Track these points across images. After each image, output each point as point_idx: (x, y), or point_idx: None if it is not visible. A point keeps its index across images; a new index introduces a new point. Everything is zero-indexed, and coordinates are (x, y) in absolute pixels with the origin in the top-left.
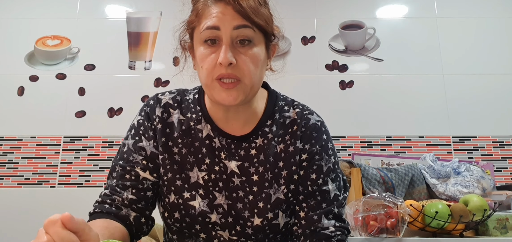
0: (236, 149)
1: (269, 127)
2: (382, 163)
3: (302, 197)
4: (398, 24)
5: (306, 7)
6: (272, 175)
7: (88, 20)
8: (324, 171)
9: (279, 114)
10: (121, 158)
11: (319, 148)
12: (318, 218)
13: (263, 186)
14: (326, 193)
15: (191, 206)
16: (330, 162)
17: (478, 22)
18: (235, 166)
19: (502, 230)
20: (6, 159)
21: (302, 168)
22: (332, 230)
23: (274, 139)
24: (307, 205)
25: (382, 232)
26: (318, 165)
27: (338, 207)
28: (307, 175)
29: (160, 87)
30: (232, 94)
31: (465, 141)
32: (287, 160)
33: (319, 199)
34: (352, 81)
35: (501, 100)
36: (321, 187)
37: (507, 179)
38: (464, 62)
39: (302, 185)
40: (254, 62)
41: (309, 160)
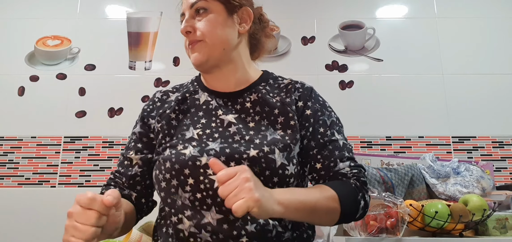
0: (233, 105)
1: (263, 86)
2: (382, 163)
3: (316, 150)
4: (398, 24)
5: (306, 7)
6: (268, 122)
7: (88, 20)
8: (329, 124)
9: (274, 81)
10: (125, 147)
11: (319, 106)
12: (334, 164)
13: (260, 130)
14: (335, 142)
15: (182, 153)
16: (332, 117)
17: (478, 22)
18: (232, 117)
19: (502, 230)
20: (7, 159)
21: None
22: (348, 170)
23: (268, 94)
24: (322, 156)
25: (382, 232)
26: (322, 119)
27: (349, 152)
28: (315, 130)
29: (160, 87)
30: (195, 55)
31: (465, 141)
32: (284, 108)
33: (331, 148)
34: (352, 81)
35: (500, 100)
36: (330, 138)
37: (507, 179)
38: (464, 62)
39: (313, 140)
40: (211, 23)
41: (314, 117)
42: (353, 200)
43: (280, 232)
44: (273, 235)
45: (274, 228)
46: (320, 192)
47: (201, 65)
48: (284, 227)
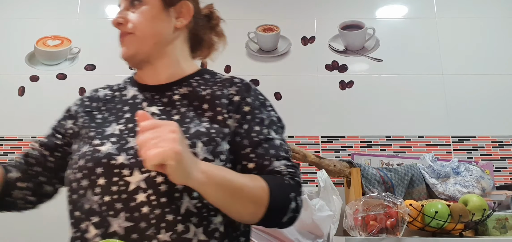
0: (160, 97)
1: (196, 80)
2: (382, 163)
3: (250, 149)
4: (397, 24)
5: (306, 7)
6: (194, 114)
7: (88, 20)
8: (267, 123)
9: (211, 76)
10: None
11: (258, 103)
12: (268, 162)
13: (183, 122)
14: (271, 141)
15: (97, 150)
16: (271, 116)
17: (478, 22)
18: (156, 109)
19: (502, 229)
20: (7, 159)
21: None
22: (283, 168)
23: (199, 87)
24: (256, 155)
25: (381, 231)
26: (260, 117)
27: (285, 152)
28: (250, 128)
29: None
30: (123, 48)
31: (465, 141)
32: (213, 101)
33: (266, 146)
34: (352, 81)
35: (500, 100)
36: (266, 136)
37: (507, 179)
38: (464, 62)
39: (247, 138)
40: (143, 16)
41: (251, 114)
42: (284, 196)
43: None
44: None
45: (195, 237)
46: (250, 179)
47: (129, 59)
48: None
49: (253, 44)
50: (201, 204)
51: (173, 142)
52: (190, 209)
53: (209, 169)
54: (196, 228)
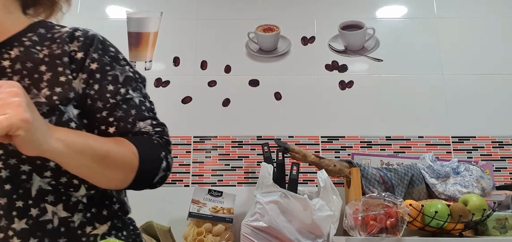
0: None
1: (28, 38)
2: (382, 163)
3: (106, 112)
4: (397, 24)
5: (306, 7)
6: (30, 81)
7: (88, 21)
8: (121, 81)
9: (46, 30)
10: None
11: (108, 58)
12: (132, 125)
13: None
14: (131, 100)
15: None
16: (126, 72)
17: (478, 22)
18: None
19: (502, 229)
20: None
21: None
22: (150, 128)
23: (34, 47)
24: (115, 118)
25: (381, 231)
26: (112, 75)
27: (149, 111)
28: (103, 88)
29: (161, 88)
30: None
31: (465, 141)
32: (52, 62)
33: (125, 107)
34: (352, 81)
35: (500, 100)
36: (124, 96)
37: (507, 179)
38: (464, 62)
39: (101, 99)
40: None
41: (102, 71)
42: (155, 156)
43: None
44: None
45: (55, 216)
46: (116, 142)
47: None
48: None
49: (253, 44)
50: (55, 181)
51: (18, 106)
52: (44, 188)
53: (68, 136)
54: (54, 206)
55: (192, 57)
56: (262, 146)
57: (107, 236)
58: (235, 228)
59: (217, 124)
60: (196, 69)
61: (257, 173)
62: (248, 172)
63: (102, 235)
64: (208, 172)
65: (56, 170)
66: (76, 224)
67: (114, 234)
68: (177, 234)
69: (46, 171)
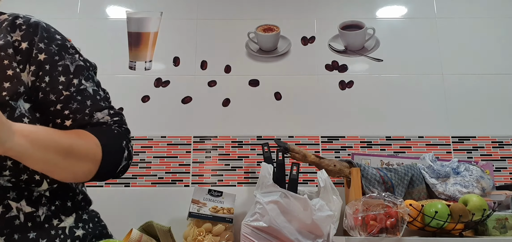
0: None
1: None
2: (382, 163)
3: (61, 105)
4: (397, 24)
5: (306, 7)
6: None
7: (88, 20)
8: (73, 71)
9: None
10: None
11: (56, 47)
12: (89, 116)
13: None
14: (84, 91)
15: None
16: (76, 60)
17: (478, 22)
18: None
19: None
20: None
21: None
22: (108, 118)
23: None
24: (70, 110)
25: (381, 231)
26: (62, 65)
27: (105, 100)
28: (54, 79)
29: (161, 88)
30: None
31: (465, 141)
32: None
33: (80, 99)
34: (352, 81)
35: (500, 100)
36: (78, 87)
37: (507, 179)
38: (464, 62)
39: (53, 92)
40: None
41: (51, 62)
42: (117, 146)
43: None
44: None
45: (20, 212)
46: (78, 135)
47: None
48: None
49: (253, 44)
50: (15, 179)
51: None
52: (4, 186)
53: (30, 132)
54: (18, 202)
55: (192, 57)
56: (262, 146)
57: (75, 228)
58: (235, 228)
59: (217, 124)
60: (196, 69)
61: (257, 173)
62: (248, 172)
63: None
64: (208, 172)
65: (14, 169)
66: (41, 218)
67: (82, 226)
68: (177, 234)
69: (4, 170)
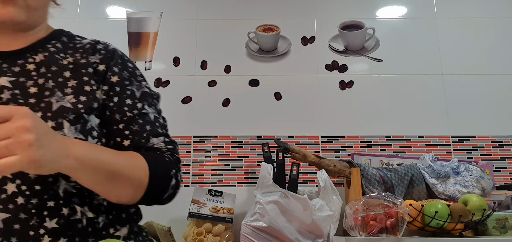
0: (10, 66)
1: (52, 44)
2: (382, 163)
3: (123, 125)
4: (397, 24)
5: (306, 7)
6: (54, 83)
7: (88, 20)
8: (139, 96)
9: (69, 39)
10: None
11: (127, 73)
12: (146, 140)
13: (43, 95)
14: (146, 116)
15: None
16: (143, 88)
17: (478, 22)
18: (6, 81)
19: (502, 229)
20: None
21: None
22: (162, 145)
23: (58, 54)
24: (130, 131)
25: (381, 231)
26: (130, 90)
27: (162, 128)
28: (121, 101)
29: (161, 88)
30: (8, 9)
31: (465, 141)
32: (77, 70)
33: (141, 123)
34: (352, 81)
35: (500, 100)
36: (140, 111)
37: (507, 179)
38: (464, 62)
39: (119, 112)
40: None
41: (121, 85)
42: (165, 174)
43: (91, 218)
44: (84, 225)
45: (84, 216)
46: (129, 158)
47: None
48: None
49: (253, 44)
50: (80, 186)
51: (29, 147)
52: (70, 191)
53: (82, 153)
54: (82, 207)
55: (192, 57)
56: (262, 146)
57: (128, 239)
58: (235, 228)
59: (217, 124)
60: (196, 69)
61: (257, 173)
62: (248, 172)
63: (124, 238)
64: (208, 172)
65: None
66: (100, 225)
67: (133, 237)
68: (177, 234)
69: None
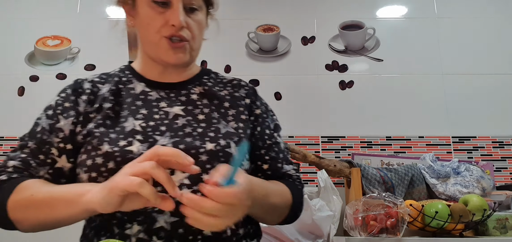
0: (176, 96)
1: (207, 79)
2: (382, 163)
3: (264, 151)
4: (398, 24)
5: (306, 7)
6: (218, 114)
7: (88, 20)
8: (273, 128)
9: (215, 76)
10: (33, 137)
11: (264, 108)
12: (281, 165)
13: (211, 122)
14: (279, 144)
15: (128, 151)
16: (275, 120)
17: (478, 22)
18: (178, 109)
19: (502, 230)
20: None
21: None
22: (293, 172)
23: (214, 87)
24: (269, 157)
25: (382, 232)
26: (268, 121)
27: (288, 154)
28: (263, 130)
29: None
30: (178, 54)
31: (465, 141)
32: (234, 101)
33: (276, 150)
34: (352, 81)
35: (500, 100)
36: (275, 140)
37: (507, 179)
38: (464, 62)
39: (261, 140)
40: (200, 28)
41: (261, 117)
42: (300, 201)
43: (234, 230)
44: (228, 235)
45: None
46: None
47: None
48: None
49: (253, 44)
50: None
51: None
52: None
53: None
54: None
55: None
56: None
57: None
58: None
59: None
60: None
61: None
62: None
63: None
64: None
65: None
66: (240, 236)
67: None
68: None
69: None
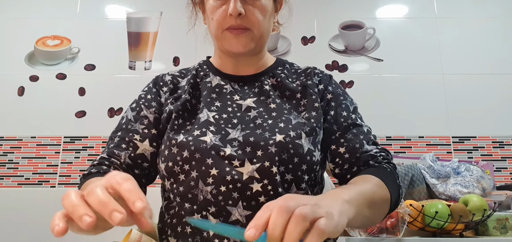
0: (250, 89)
1: (281, 71)
2: None
3: (339, 133)
4: (398, 24)
5: (306, 7)
6: (290, 106)
7: (88, 20)
8: (352, 110)
9: (290, 66)
10: (119, 129)
11: (340, 91)
12: (359, 145)
13: (282, 113)
14: (359, 126)
15: (202, 141)
16: (353, 104)
17: (478, 22)
18: (251, 101)
19: (502, 230)
20: (6, 159)
21: (330, 108)
22: (376, 152)
23: (287, 79)
24: (345, 139)
25: (382, 232)
26: (345, 104)
27: (374, 138)
28: (338, 113)
29: None
30: (241, 41)
31: (465, 141)
32: (305, 91)
33: (355, 132)
34: (352, 81)
35: (501, 100)
36: (354, 121)
37: (507, 179)
38: (464, 62)
39: (336, 123)
40: (262, 13)
41: (336, 100)
42: (396, 184)
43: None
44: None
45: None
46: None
47: (245, 52)
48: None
49: None
50: (303, 192)
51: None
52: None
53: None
54: None
55: (192, 57)
56: None
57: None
58: None
59: None
60: None
61: None
62: None
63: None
64: None
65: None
66: None
67: None
68: None
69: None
